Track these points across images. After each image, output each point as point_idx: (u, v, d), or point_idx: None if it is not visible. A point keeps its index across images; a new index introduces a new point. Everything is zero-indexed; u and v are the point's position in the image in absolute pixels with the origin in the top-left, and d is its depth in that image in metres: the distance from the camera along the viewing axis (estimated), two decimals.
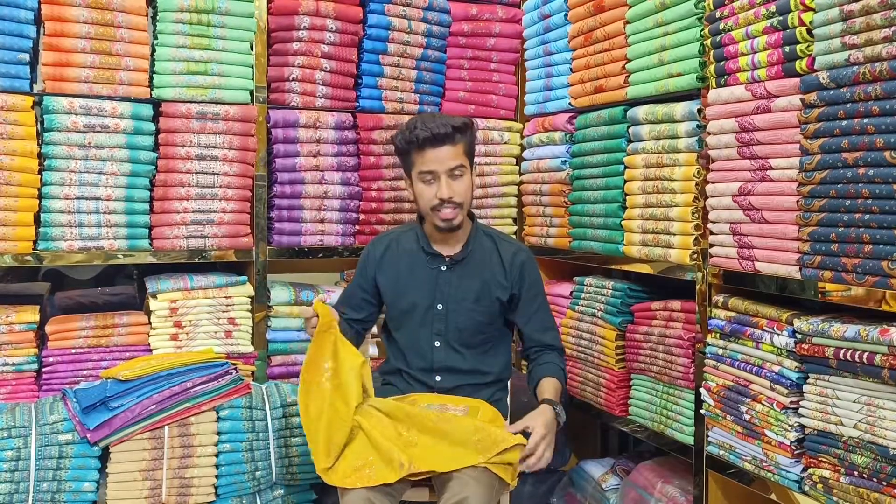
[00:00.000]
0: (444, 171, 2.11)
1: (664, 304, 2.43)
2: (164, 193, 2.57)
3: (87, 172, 2.45)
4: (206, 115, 2.58)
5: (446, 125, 2.10)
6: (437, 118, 2.13)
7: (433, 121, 2.11)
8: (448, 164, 2.11)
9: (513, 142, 3.09)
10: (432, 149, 2.10)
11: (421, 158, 2.12)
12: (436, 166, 2.11)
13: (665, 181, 2.32)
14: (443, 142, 2.10)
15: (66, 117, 2.40)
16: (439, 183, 2.11)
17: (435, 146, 2.10)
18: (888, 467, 1.66)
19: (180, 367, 2.35)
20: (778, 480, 1.95)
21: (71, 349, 2.46)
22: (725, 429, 2.11)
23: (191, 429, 2.32)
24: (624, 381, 2.58)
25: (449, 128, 2.09)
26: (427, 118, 2.14)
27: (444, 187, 2.11)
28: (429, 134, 2.09)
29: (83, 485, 2.22)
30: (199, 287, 2.58)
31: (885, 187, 1.63)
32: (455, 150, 2.12)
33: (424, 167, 2.12)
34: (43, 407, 2.27)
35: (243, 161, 2.65)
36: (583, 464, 2.83)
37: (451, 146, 2.11)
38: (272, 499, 2.42)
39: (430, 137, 2.09)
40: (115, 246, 2.51)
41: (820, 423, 1.82)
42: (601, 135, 2.60)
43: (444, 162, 2.11)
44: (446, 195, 2.11)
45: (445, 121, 2.11)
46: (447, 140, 2.10)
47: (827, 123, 1.76)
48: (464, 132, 2.14)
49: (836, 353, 1.75)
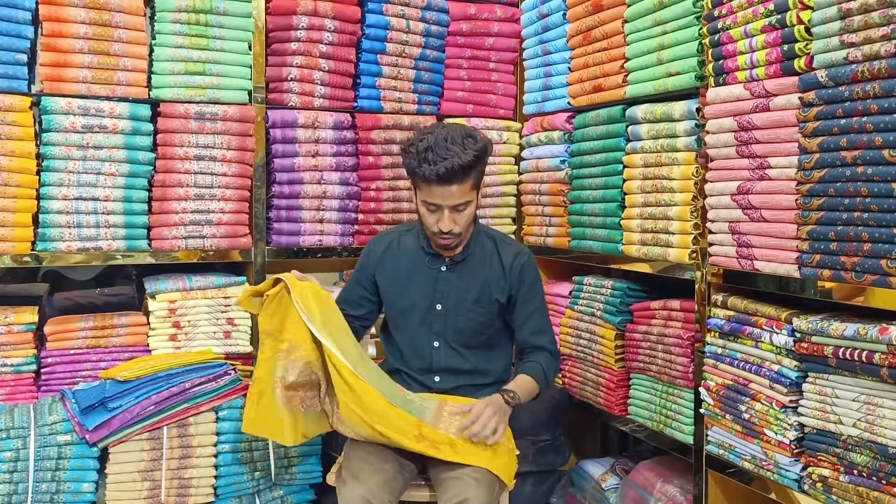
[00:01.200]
0: (448, 206, 2.06)
1: (663, 303, 2.43)
2: (163, 194, 2.57)
3: (86, 173, 2.45)
4: (205, 116, 2.58)
5: (456, 165, 1.97)
6: (449, 150, 1.99)
7: (444, 154, 1.98)
8: (453, 202, 2.05)
9: (511, 141, 3.09)
10: (439, 187, 2.02)
11: (427, 190, 2.05)
12: (440, 202, 2.05)
13: (664, 180, 2.32)
14: (450, 182, 2.01)
15: (64, 118, 2.40)
16: (442, 215, 2.06)
17: (441, 185, 2.02)
18: (887, 466, 1.66)
19: (179, 367, 2.35)
20: (777, 479, 1.94)
21: (70, 350, 2.46)
22: (725, 428, 2.11)
23: (190, 429, 2.32)
24: (623, 380, 2.58)
25: (458, 168, 1.98)
26: (439, 146, 2.00)
27: (446, 221, 2.06)
28: (434, 176, 1.99)
29: (82, 485, 2.22)
30: (198, 287, 2.58)
31: (883, 185, 1.63)
32: (462, 189, 2.04)
33: (430, 199, 2.06)
34: (42, 408, 2.27)
35: (242, 161, 2.65)
36: (582, 463, 2.83)
37: (459, 185, 2.03)
38: (271, 499, 2.42)
39: (437, 179, 2.00)
40: (113, 246, 2.50)
41: (819, 421, 1.82)
42: (600, 134, 2.60)
43: (450, 199, 2.05)
44: (446, 229, 2.08)
45: (457, 158, 1.97)
46: (455, 180, 2.02)
47: (825, 122, 1.76)
48: (475, 167, 2.04)
49: (835, 352, 1.75)
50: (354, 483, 1.90)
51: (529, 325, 2.24)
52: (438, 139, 2.02)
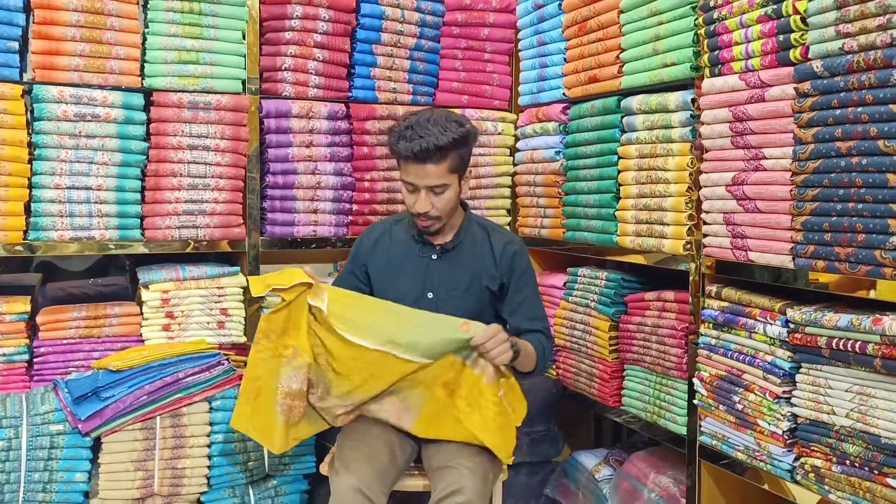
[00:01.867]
0: (424, 187, 2.06)
1: (657, 294, 2.43)
2: (156, 183, 2.55)
3: (78, 162, 2.43)
4: (198, 105, 2.56)
5: (432, 144, 1.99)
6: (427, 129, 2.01)
7: (422, 133, 2.01)
8: (428, 182, 2.05)
9: (506, 132, 3.08)
10: (415, 165, 2.04)
11: (404, 168, 2.08)
12: (416, 181, 2.06)
13: (659, 171, 2.32)
14: (425, 161, 2.03)
15: (56, 106, 2.39)
16: (419, 196, 2.07)
17: (417, 163, 2.04)
18: (880, 456, 1.67)
19: (172, 357, 2.34)
20: (770, 470, 1.95)
21: (62, 340, 2.45)
22: (718, 419, 2.11)
23: (183, 419, 2.31)
24: (617, 371, 2.58)
25: (432, 147, 2.00)
26: (418, 125, 2.03)
27: (422, 202, 2.07)
28: (410, 154, 2.02)
29: (75, 475, 2.21)
30: (192, 277, 2.57)
31: (878, 176, 1.63)
32: (438, 169, 2.04)
33: (406, 178, 2.08)
34: (34, 397, 2.26)
35: (235, 151, 2.63)
36: (576, 454, 2.83)
37: (435, 165, 2.03)
38: (265, 489, 2.42)
39: (412, 156, 2.02)
40: (106, 236, 2.49)
41: (812, 412, 1.83)
42: (595, 125, 2.59)
43: (425, 179, 2.05)
44: (422, 210, 2.08)
45: (434, 138, 2.00)
46: (430, 160, 2.02)
47: (821, 112, 1.76)
48: (453, 149, 2.04)
49: (828, 343, 1.75)
50: (346, 473, 1.90)
51: (523, 312, 2.22)
52: (421, 120, 2.05)
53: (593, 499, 2.65)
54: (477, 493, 1.88)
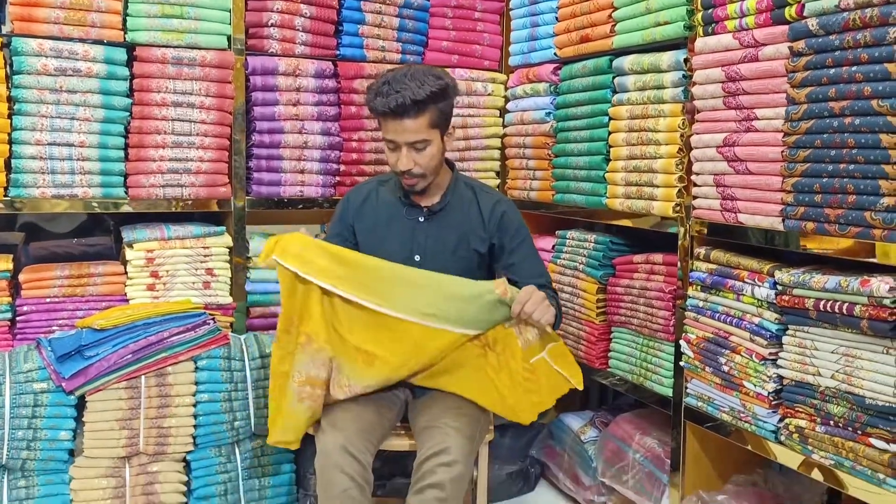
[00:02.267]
0: (405, 144, 2.03)
1: (646, 257, 2.42)
2: (140, 141, 2.51)
3: (59, 118, 2.38)
4: (182, 61, 2.51)
5: (408, 98, 1.96)
6: (404, 84, 1.98)
7: (399, 87, 1.97)
8: (408, 138, 2.02)
9: (496, 93, 3.04)
10: (393, 121, 2.01)
11: (384, 126, 2.05)
12: (396, 137, 2.03)
13: (650, 132, 2.29)
14: (403, 115, 1.99)
15: (35, 60, 2.33)
16: (400, 153, 2.04)
17: (395, 118, 2.00)
18: (864, 416, 1.68)
19: (157, 316, 2.32)
20: (755, 431, 1.96)
21: (45, 298, 2.42)
22: (704, 380, 2.12)
23: (168, 378, 2.29)
24: (604, 333, 2.59)
25: (409, 101, 1.96)
26: (396, 80, 1.99)
27: (404, 159, 2.04)
28: (387, 109, 1.98)
29: (59, 433, 2.20)
30: (176, 237, 2.53)
31: (871, 136, 1.62)
32: (417, 124, 2.01)
33: (387, 136, 2.05)
34: (17, 356, 2.23)
35: (221, 109, 2.58)
36: (562, 417, 2.85)
37: (413, 119, 2.00)
38: (251, 448, 2.42)
39: (390, 112, 1.99)
40: (89, 194, 2.45)
41: (798, 373, 1.83)
42: (586, 86, 2.56)
43: (404, 135, 2.02)
44: (404, 167, 2.05)
45: (410, 91, 1.96)
46: (406, 115, 1.99)
47: (815, 72, 1.73)
48: (431, 102, 2.01)
49: (816, 305, 1.75)
50: (333, 431, 1.90)
51: (525, 271, 2.17)
52: (398, 75, 2.02)
53: (579, 460, 2.67)
54: (463, 454, 1.89)
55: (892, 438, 1.62)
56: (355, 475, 1.85)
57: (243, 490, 2.40)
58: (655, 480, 2.35)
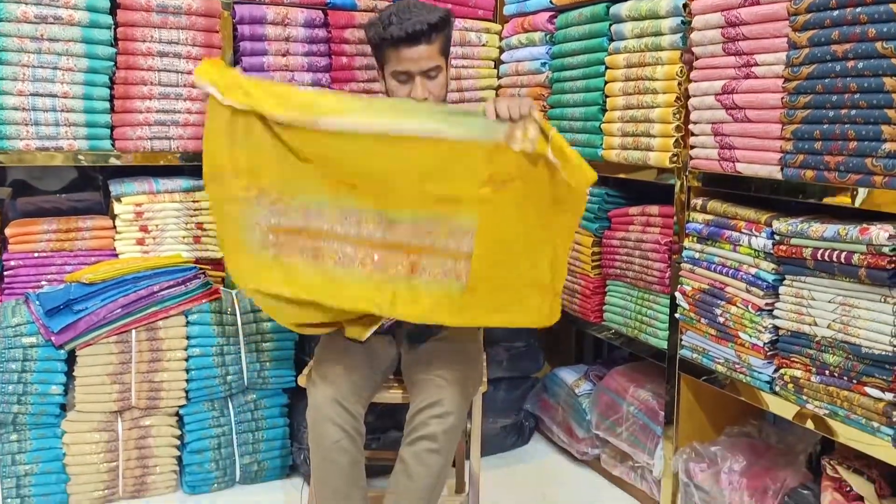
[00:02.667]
0: (419, 72, 2.01)
1: (642, 209, 2.39)
2: (125, 92, 2.45)
3: (42, 67, 2.32)
4: (168, 9, 2.43)
5: (423, 23, 1.96)
6: (412, 12, 1.99)
7: (409, 15, 1.98)
8: (423, 65, 2.00)
9: (491, 44, 2.97)
10: (407, 48, 1.98)
11: (395, 57, 2.01)
12: (410, 66, 2.00)
13: (647, 81, 2.24)
14: (418, 41, 1.97)
15: (15, 6, 2.25)
16: (414, 84, 2.01)
17: (410, 45, 1.98)
18: (859, 365, 1.66)
19: (147, 270, 2.30)
20: (749, 382, 1.95)
21: (33, 253, 2.38)
22: (699, 332, 2.10)
23: (159, 332, 2.28)
24: (599, 287, 2.57)
25: (425, 26, 1.96)
26: (402, 10, 2.00)
27: (419, 88, 2.01)
28: (403, 34, 1.96)
29: (50, 387, 2.19)
30: (165, 191, 2.49)
31: (874, 80, 1.57)
32: (430, 50, 2.00)
33: (399, 67, 2.02)
34: (5, 310, 2.21)
35: (208, 59, 2.51)
36: (556, 370, 2.85)
37: (427, 45, 1.99)
38: (244, 402, 2.41)
39: (405, 37, 1.96)
40: (75, 146, 2.40)
41: (794, 324, 1.82)
42: (582, 34, 2.49)
43: (419, 63, 2.00)
44: (420, 96, 2.02)
45: (422, 17, 1.97)
46: (422, 39, 1.98)
47: (817, 14, 1.68)
48: (440, 29, 2.01)
49: (813, 254, 1.72)
50: (324, 384, 1.88)
51: None
52: (401, 6, 2.02)
53: (573, 412, 2.67)
54: (456, 406, 1.87)
55: (887, 387, 1.61)
56: (347, 427, 1.84)
57: (237, 444, 2.40)
58: (649, 432, 2.35)
